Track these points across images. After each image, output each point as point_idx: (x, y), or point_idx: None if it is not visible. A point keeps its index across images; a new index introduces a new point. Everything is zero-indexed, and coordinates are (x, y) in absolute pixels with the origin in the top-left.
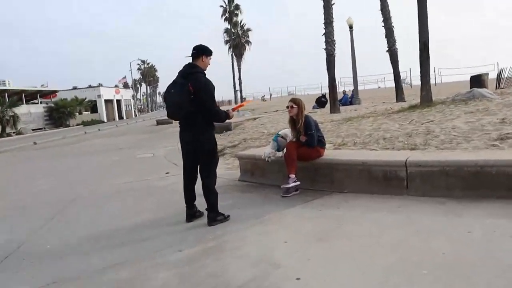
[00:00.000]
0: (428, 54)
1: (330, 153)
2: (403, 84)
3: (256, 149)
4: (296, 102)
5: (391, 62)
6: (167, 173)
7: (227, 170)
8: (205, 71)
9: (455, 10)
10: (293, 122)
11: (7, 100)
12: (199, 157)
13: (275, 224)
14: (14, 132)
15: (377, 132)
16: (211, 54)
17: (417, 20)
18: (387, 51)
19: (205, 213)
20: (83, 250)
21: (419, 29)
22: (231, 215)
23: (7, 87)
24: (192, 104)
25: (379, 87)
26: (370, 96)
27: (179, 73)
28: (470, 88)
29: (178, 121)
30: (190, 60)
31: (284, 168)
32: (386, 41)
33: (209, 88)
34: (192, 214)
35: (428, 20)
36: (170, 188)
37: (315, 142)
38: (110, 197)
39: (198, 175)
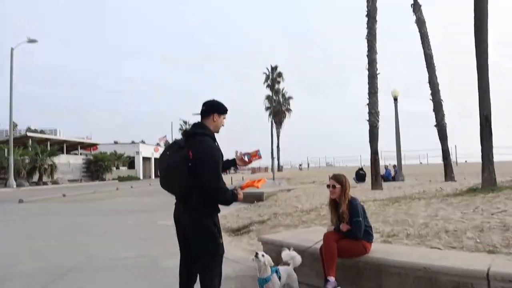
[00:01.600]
0: (491, 129)
1: (378, 249)
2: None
3: (285, 232)
4: (339, 180)
5: (440, 138)
6: None
7: (249, 253)
8: (214, 134)
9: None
10: (334, 204)
11: (48, 148)
12: (193, 246)
13: None
14: (50, 181)
15: (435, 221)
16: (226, 113)
17: (477, 90)
18: (435, 125)
19: None
20: None
21: (479, 100)
22: None
23: (55, 137)
24: (190, 175)
25: (421, 163)
26: (412, 173)
27: (182, 133)
28: None
29: None
30: (199, 118)
31: (318, 264)
32: (434, 115)
33: (213, 156)
34: None
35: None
36: (177, 271)
37: (361, 233)
38: (103, 276)
39: None
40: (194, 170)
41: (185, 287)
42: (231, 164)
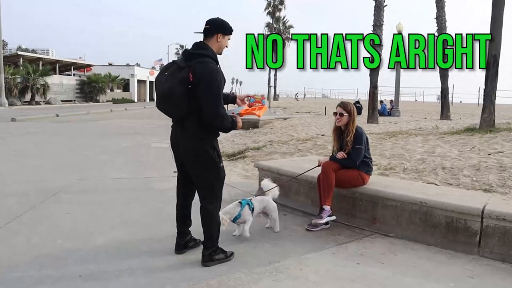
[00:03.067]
0: (497, 70)
1: (375, 181)
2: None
3: (282, 160)
4: (346, 109)
5: (440, 76)
6: (175, 172)
7: (244, 178)
8: (217, 56)
9: None
10: (338, 133)
11: (40, 68)
12: (192, 171)
13: (293, 280)
14: (43, 101)
15: (432, 157)
16: (231, 33)
17: (489, 27)
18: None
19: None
20: (20, 280)
21: (490, 39)
22: (237, 251)
23: (47, 56)
24: (189, 99)
25: (416, 100)
26: (407, 109)
27: (182, 52)
28: None
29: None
30: (201, 38)
31: (314, 192)
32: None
33: (215, 81)
34: (183, 244)
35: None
36: (170, 195)
37: (359, 160)
38: (94, 197)
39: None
40: (194, 93)
41: (182, 209)
42: (230, 100)
